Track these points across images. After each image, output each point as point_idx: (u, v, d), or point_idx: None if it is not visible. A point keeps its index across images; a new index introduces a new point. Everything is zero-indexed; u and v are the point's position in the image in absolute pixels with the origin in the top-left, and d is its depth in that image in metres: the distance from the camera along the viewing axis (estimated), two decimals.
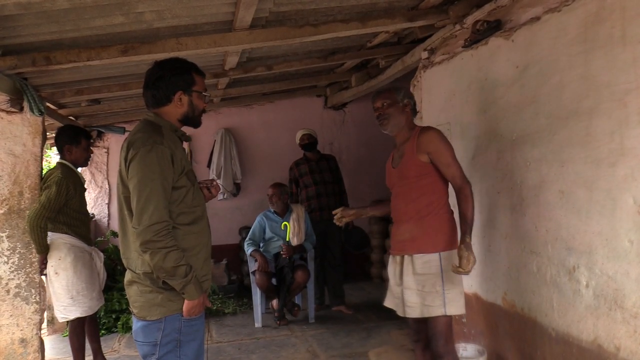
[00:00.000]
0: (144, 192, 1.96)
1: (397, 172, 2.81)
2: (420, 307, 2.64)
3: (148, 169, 1.98)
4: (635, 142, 2.10)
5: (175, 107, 2.19)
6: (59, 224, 3.66)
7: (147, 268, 2.04)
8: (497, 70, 3.08)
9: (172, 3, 2.77)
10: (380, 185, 7.16)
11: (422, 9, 3.44)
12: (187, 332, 2.09)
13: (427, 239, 2.66)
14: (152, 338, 2.06)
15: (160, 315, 2.05)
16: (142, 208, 1.96)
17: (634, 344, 2.14)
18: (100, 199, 6.67)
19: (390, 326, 4.75)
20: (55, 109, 4.88)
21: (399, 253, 2.78)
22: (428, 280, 2.63)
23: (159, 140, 2.02)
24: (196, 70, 2.22)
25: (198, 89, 2.20)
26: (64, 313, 3.72)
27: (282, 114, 6.96)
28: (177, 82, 2.15)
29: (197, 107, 2.22)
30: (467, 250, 2.52)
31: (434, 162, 2.68)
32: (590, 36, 2.31)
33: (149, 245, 1.96)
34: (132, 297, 2.13)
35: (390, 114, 2.80)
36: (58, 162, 3.87)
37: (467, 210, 2.60)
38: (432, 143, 2.68)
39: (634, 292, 2.13)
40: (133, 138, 2.07)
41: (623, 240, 2.18)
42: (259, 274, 4.99)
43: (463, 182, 2.64)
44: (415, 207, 2.70)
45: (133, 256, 2.09)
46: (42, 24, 2.83)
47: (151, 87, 2.18)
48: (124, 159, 2.04)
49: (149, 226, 1.95)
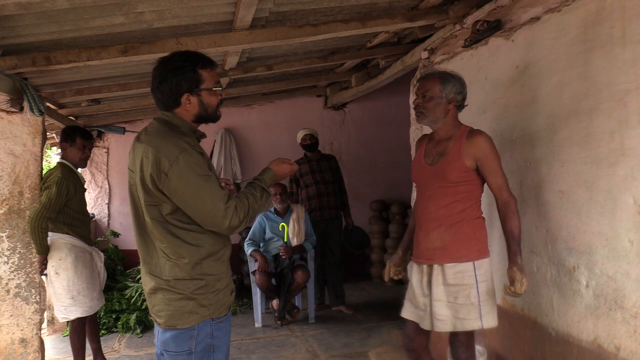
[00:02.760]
0: (198, 199, 1.89)
1: (433, 171, 2.54)
2: (453, 320, 2.46)
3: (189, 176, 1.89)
4: (635, 142, 2.10)
5: (185, 109, 2.01)
6: (60, 224, 3.66)
7: (177, 273, 1.95)
8: (497, 70, 3.08)
9: (172, 3, 2.77)
10: (380, 185, 7.23)
11: (422, 9, 3.44)
12: (219, 335, 2.04)
13: (460, 247, 2.46)
14: (186, 347, 1.98)
15: (193, 322, 1.97)
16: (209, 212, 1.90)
17: (634, 344, 2.14)
18: (100, 199, 6.67)
19: (390, 326, 4.75)
20: (55, 108, 4.88)
21: (426, 262, 2.55)
22: (462, 291, 2.43)
23: (187, 148, 1.91)
24: (202, 64, 2.00)
25: (207, 86, 2.00)
26: (65, 313, 3.72)
27: (282, 114, 6.96)
28: (181, 83, 1.96)
29: (209, 105, 2.03)
30: (520, 272, 2.34)
31: (481, 170, 2.46)
32: (590, 36, 2.31)
33: (242, 226, 1.95)
34: (156, 307, 2.00)
35: (429, 109, 2.51)
36: (58, 162, 3.87)
37: (515, 227, 2.41)
38: (482, 149, 2.44)
39: (634, 292, 2.13)
40: (155, 144, 1.92)
41: (623, 240, 2.18)
42: (259, 274, 4.99)
43: (510, 195, 2.45)
44: (448, 212, 2.48)
45: (159, 262, 1.97)
46: (42, 24, 2.83)
47: (156, 91, 2.01)
48: (157, 170, 1.89)
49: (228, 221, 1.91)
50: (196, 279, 1.96)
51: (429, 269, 2.55)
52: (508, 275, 2.39)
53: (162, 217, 1.94)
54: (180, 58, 1.99)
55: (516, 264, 2.37)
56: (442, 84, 2.51)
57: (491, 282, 2.52)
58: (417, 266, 2.62)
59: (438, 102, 2.51)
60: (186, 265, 1.94)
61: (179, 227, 1.95)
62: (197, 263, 1.96)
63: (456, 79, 2.55)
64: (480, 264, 2.48)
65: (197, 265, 1.96)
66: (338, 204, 5.61)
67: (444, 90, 2.50)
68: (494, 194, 2.50)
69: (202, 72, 1.99)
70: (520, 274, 2.35)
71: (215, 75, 2.04)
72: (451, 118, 2.56)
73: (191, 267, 1.95)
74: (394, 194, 7.09)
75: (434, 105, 2.51)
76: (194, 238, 1.96)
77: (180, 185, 1.87)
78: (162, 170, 1.87)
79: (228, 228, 1.93)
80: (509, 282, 2.39)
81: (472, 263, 2.46)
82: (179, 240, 1.95)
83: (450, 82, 2.52)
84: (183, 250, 1.95)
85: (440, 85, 2.50)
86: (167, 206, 1.92)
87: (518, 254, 2.39)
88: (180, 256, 1.95)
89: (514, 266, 2.37)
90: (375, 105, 7.10)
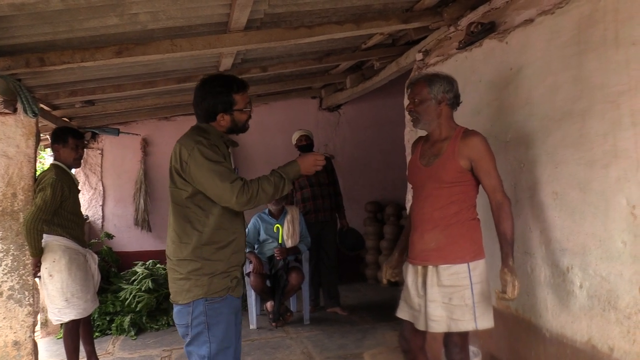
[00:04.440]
0: (210, 179, 2.24)
1: (428, 172, 2.56)
2: (447, 321, 2.47)
3: (202, 162, 2.25)
4: (628, 143, 2.11)
5: (219, 124, 2.42)
6: (54, 226, 3.64)
7: (180, 255, 2.32)
8: (491, 72, 3.09)
9: (166, 4, 2.76)
10: (375, 187, 7.23)
11: (417, 11, 3.45)
12: (212, 314, 2.31)
13: (454, 249, 2.48)
14: (185, 320, 2.33)
15: (188, 299, 2.31)
16: (219, 189, 2.24)
17: (627, 344, 2.15)
18: (94, 201, 6.64)
19: (385, 328, 4.75)
20: (49, 110, 4.86)
21: (421, 263, 2.56)
22: (456, 292, 2.45)
23: (202, 141, 2.28)
24: (237, 88, 2.40)
25: (239, 107, 2.41)
26: (59, 315, 3.70)
27: (277, 116, 6.95)
28: (217, 105, 2.37)
29: (239, 122, 2.44)
30: (511, 275, 2.34)
31: (475, 170, 2.48)
32: (583, 38, 2.33)
33: (251, 201, 2.27)
34: (169, 283, 2.41)
35: (421, 112, 2.55)
36: (52, 164, 3.85)
37: (509, 229, 2.41)
38: (477, 149, 2.46)
39: (628, 293, 2.14)
40: (183, 140, 2.35)
41: (616, 241, 2.19)
42: (254, 276, 4.99)
43: (504, 197, 2.45)
44: (443, 213, 2.50)
45: (170, 245, 2.38)
46: (35, 25, 2.82)
47: (196, 107, 2.43)
48: (180, 160, 2.30)
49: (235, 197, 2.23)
50: (193, 260, 2.30)
51: (424, 270, 2.55)
52: (500, 278, 2.40)
53: (182, 200, 2.32)
54: (219, 83, 2.40)
55: (508, 266, 2.38)
56: (429, 85, 2.55)
57: (486, 283, 2.53)
58: (412, 267, 2.63)
59: (428, 104, 2.54)
60: (187, 247, 2.31)
61: (192, 210, 2.31)
62: (197, 247, 2.30)
63: (442, 78, 2.57)
64: (475, 266, 2.48)
65: (196, 249, 2.30)
66: (333, 206, 5.60)
67: (432, 92, 2.53)
68: (488, 195, 2.50)
69: (235, 96, 2.39)
70: (511, 276, 2.35)
71: (246, 97, 2.45)
72: (445, 119, 2.58)
73: (191, 250, 2.30)
74: (389, 196, 7.09)
75: (426, 107, 2.55)
76: (201, 224, 2.31)
77: (195, 170, 2.26)
78: (183, 159, 2.28)
79: (237, 203, 2.26)
80: (501, 285, 2.40)
81: (466, 264, 2.47)
82: (189, 225, 2.32)
83: (437, 82, 2.55)
84: (188, 233, 2.31)
85: (427, 87, 2.54)
86: (187, 190, 2.30)
87: (510, 256, 2.40)
88: (183, 240, 2.32)
89: (506, 268, 2.38)
90: (370, 106, 7.10)
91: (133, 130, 6.64)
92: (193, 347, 2.34)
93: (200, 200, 2.30)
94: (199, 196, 2.30)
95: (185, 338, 2.37)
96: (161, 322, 5.33)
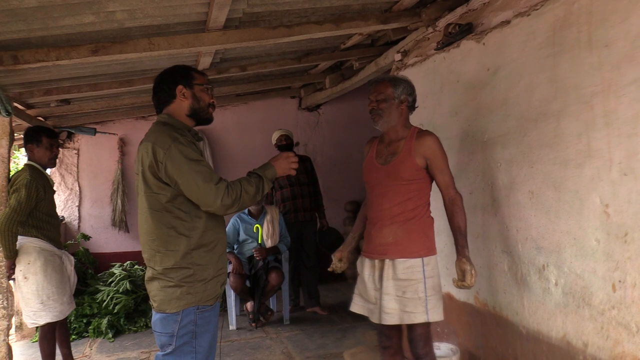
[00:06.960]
0: (191, 181, 2.11)
1: (386, 169, 2.67)
2: (400, 314, 2.57)
3: (181, 161, 2.11)
4: (601, 143, 2.15)
5: (180, 102, 2.28)
6: (29, 227, 3.57)
7: (167, 264, 2.17)
8: (468, 73, 3.12)
9: (144, 3, 2.73)
10: (354, 187, 7.24)
11: (395, 12, 3.47)
12: (202, 323, 2.21)
13: (411, 244, 2.58)
14: (170, 329, 2.18)
15: (179, 308, 2.17)
16: (202, 192, 2.11)
17: (601, 340, 2.19)
18: (70, 202, 6.53)
19: (365, 327, 4.76)
20: (23, 109, 4.77)
21: (378, 257, 2.66)
22: (410, 286, 2.55)
23: (179, 139, 2.14)
24: (195, 69, 2.35)
25: (199, 82, 2.31)
26: (34, 318, 3.63)
27: (256, 115, 6.93)
28: (176, 78, 2.27)
29: (202, 99, 2.31)
30: (469, 264, 2.48)
31: (430, 168, 2.61)
32: (558, 40, 2.37)
33: (235, 204, 2.16)
34: (152, 292, 2.24)
35: (383, 110, 2.66)
36: (26, 164, 3.77)
37: (462, 222, 2.56)
38: (431, 148, 2.59)
39: (601, 290, 2.19)
40: (152, 138, 2.17)
41: (590, 239, 2.24)
42: (233, 276, 4.96)
43: (456, 192, 2.60)
44: (401, 209, 2.61)
45: (154, 256, 2.20)
46: (9, 22, 2.77)
47: (156, 90, 2.31)
48: (155, 161, 2.12)
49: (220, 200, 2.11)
50: (184, 267, 2.17)
51: (381, 263, 2.66)
52: (457, 268, 2.51)
53: (162, 205, 2.16)
54: (177, 66, 2.33)
55: (465, 256, 2.51)
56: (393, 86, 2.68)
57: (438, 278, 2.64)
58: (369, 261, 2.74)
59: (391, 103, 2.66)
60: (176, 254, 2.16)
61: (175, 215, 2.16)
62: (187, 253, 2.16)
63: (406, 82, 2.73)
64: (429, 261, 2.60)
65: (187, 254, 2.16)
66: (313, 206, 5.61)
67: (395, 92, 2.67)
68: (441, 192, 2.63)
69: (194, 73, 2.32)
70: (470, 265, 2.48)
71: (206, 80, 2.36)
72: (403, 119, 2.71)
73: (181, 257, 2.16)
74: None
75: (389, 105, 2.66)
76: (187, 228, 2.17)
77: (174, 170, 2.11)
78: (159, 159, 2.11)
79: (221, 206, 2.14)
80: (457, 275, 2.51)
81: (421, 259, 2.58)
82: (172, 231, 2.16)
83: (401, 84, 2.70)
84: (174, 240, 2.16)
85: (392, 87, 2.67)
86: (166, 194, 2.14)
87: (466, 246, 2.54)
88: (170, 247, 2.16)
89: (463, 258, 2.51)
90: (350, 106, 7.12)
91: (110, 130, 6.55)
92: (173, 357, 2.19)
93: (182, 203, 2.15)
94: (179, 199, 2.15)
95: (165, 348, 2.21)
96: (139, 324, 5.26)
